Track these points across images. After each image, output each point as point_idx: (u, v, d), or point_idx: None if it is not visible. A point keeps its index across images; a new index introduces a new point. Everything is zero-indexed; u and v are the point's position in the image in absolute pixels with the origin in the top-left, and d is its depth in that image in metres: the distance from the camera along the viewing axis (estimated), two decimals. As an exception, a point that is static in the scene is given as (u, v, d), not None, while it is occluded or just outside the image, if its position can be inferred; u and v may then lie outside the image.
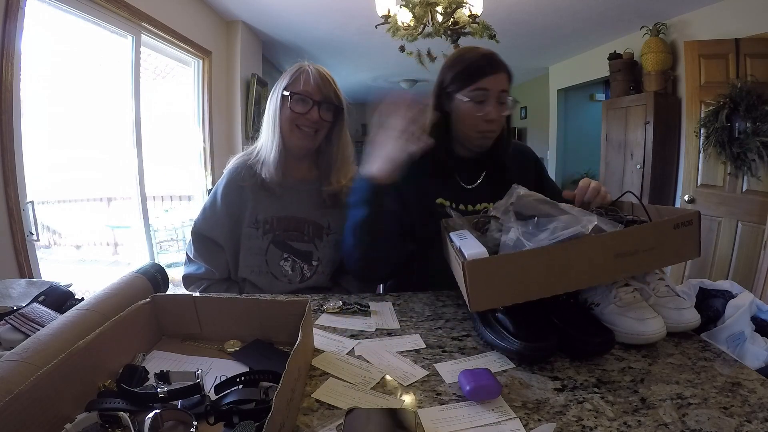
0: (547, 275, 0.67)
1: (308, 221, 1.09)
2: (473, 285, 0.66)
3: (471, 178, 1.08)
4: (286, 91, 1.03)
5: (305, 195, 1.10)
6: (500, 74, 0.98)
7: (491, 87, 0.97)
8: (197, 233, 1.10)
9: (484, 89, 0.97)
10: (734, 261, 2.65)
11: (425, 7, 2.32)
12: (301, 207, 1.09)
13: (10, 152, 1.65)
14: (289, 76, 1.05)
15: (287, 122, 1.04)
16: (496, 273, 0.66)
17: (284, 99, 1.03)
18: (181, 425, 0.51)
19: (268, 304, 0.70)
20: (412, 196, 1.03)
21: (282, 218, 1.08)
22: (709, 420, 0.52)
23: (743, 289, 0.80)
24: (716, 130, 2.61)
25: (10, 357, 0.52)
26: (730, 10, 2.90)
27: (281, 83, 1.05)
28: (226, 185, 1.09)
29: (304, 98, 1.02)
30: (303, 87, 1.02)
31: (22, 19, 1.68)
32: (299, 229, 1.09)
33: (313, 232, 1.09)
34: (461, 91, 0.99)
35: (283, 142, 1.05)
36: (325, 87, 1.03)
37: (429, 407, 0.56)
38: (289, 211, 1.09)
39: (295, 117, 1.03)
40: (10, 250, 1.68)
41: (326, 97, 1.04)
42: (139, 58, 2.58)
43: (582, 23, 3.66)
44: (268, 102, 1.08)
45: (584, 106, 5.35)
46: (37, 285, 0.88)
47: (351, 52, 4.60)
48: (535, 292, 0.68)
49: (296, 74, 1.04)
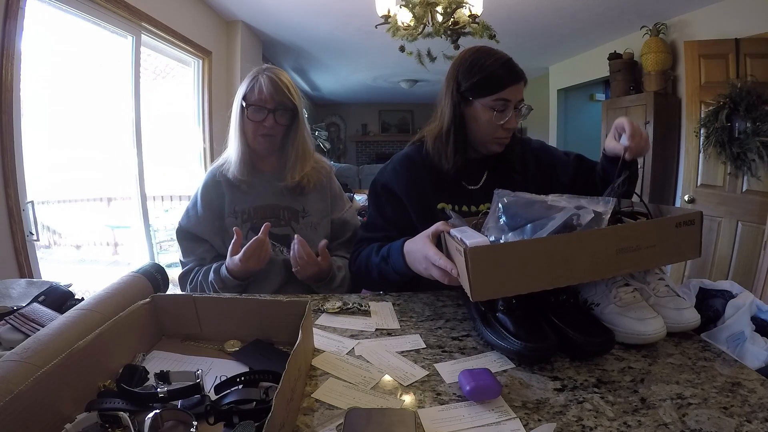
0: (549, 266, 0.66)
1: (282, 207, 1.18)
2: (476, 272, 0.64)
3: (475, 179, 1.08)
4: (243, 101, 1.10)
5: (274, 184, 1.17)
6: (520, 84, 1.00)
7: (512, 98, 0.98)
8: (182, 232, 1.17)
9: (505, 99, 0.98)
10: (734, 261, 2.65)
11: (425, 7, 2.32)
12: (274, 195, 1.18)
13: (10, 152, 1.65)
14: (246, 85, 1.11)
15: (249, 130, 1.12)
16: (499, 261, 0.65)
17: (243, 108, 1.10)
18: (181, 425, 0.51)
19: (268, 304, 0.70)
20: (414, 202, 1.04)
21: (258, 207, 1.17)
22: (709, 420, 0.52)
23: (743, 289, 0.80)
24: (716, 130, 2.61)
25: (10, 357, 0.52)
26: (730, 10, 2.90)
27: (240, 91, 1.12)
28: (204, 186, 1.19)
29: (258, 108, 1.09)
30: (257, 96, 1.09)
31: (22, 19, 1.68)
32: (275, 215, 1.17)
33: (289, 216, 1.18)
34: (481, 98, 0.99)
35: (247, 145, 1.14)
36: (277, 94, 1.09)
37: (429, 407, 0.56)
38: (264, 200, 1.17)
39: (254, 125, 1.11)
40: (10, 250, 1.68)
41: (280, 104, 1.10)
42: (139, 58, 2.58)
43: (582, 23, 3.66)
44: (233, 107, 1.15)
45: (584, 106, 5.35)
46: (37, 285, 0.88)
47: (351, 52, 4.60)
48: (536, 283, 0.67)
49: (251, 83, 1.10)
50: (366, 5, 2.87)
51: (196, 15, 3.15)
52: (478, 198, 1.06)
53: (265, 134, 1.11)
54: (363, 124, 9.37)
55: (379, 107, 9.14)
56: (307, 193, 1.19)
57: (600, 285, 0.77)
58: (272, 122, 1.10)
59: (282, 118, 1.11)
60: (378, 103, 8.97)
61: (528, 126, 6.50)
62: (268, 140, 1.13)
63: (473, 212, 1.04)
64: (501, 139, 1.02)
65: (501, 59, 1.00)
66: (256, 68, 1.14)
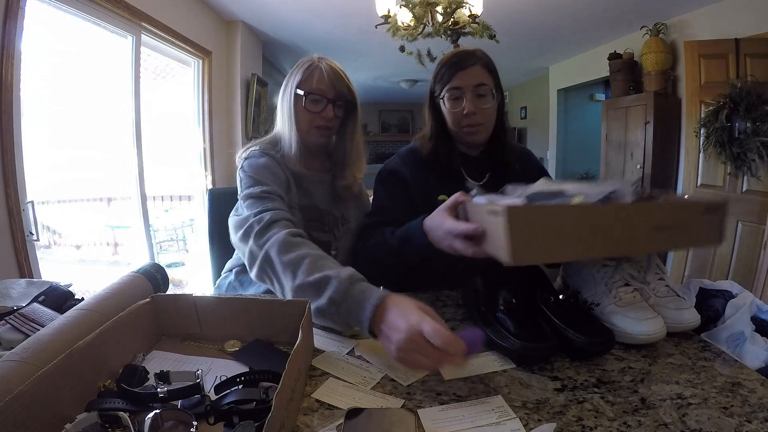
0: (588, 234, 0.63)
1: (326, 211, 1.09)
2: (515, 234, 0.59)
3: (478, 176, 1.09)
4: (300, 90, 1.01)
5: (321, 186, 1.10)
6: (474, 68, 0.99)
7: (464, 83, 0.99)
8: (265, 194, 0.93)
9: (457, 87, 1.00)
10: (734, 261, 2.65)
11: (425, 7, 2.32)
12: (319, 197, 1.09)
13: (10, 152, 1.65)
14: (302, 72, 1.02)
15: (304, 121, 1.03)
16: (537, 223, 0.61)
17: (298, 97, 1.01)
18: (181, 425, 0.51)
19: (268, 304, 0.70)
20: (418, 190, 1.05)
21: (304, 207, 1.06)
22: (709, 420, 0.52)
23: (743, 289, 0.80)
24: (716, 130, 2.61)
25: (10, 357, 0.52)
26: (730, 10, 2.90)
27: (294, 79, 1.03)
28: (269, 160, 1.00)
29: (318, 97, 1.01)
30: (317, 85, 1.01)
31: (22, 19, 1.68)
32: (320, 219, 1.08)
33: (331, 222, 1.10)
34: (441, 94, 1.03)
35: (301, 139, 1.04)
36: (338, 83, 1.02)
37: (429, 407, 0.56)
38: (309, 200, 1.07)
39: (311, 116, 1.02)
40: (10, 250, 1.68)
41: (340, 94, 1.03)
42: (139, 58, 2.58)
43: (582, 23, 3.66)
44: (280, 96, 1.06)
45: (584, 106, 5.35)
46: (37, 285, 0.88)
47: (351, 52, 4.60)
48: (572, 251, 0.64)
49: (309, 71, 1.02)
50: (366, 5, 2.86)
51: (196, 15, 3.15)
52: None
53: (321, 126, 1.03)
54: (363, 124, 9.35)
55: (379, 107, 9.14)
56: (346, 199, 1.12)
57: (600, 285, 0.77)
58: (331, 113, 1.01)
59: (340, 110, 1.04)
60: (378, 103, 8.97)
61: (528, 126, 6.51)
62: (324, 133, 1.04)
63: None
64: (470, 127, 1.02)
65: (456, 51, 1.03)
66: (308, 57, 1.04)
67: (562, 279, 0.90)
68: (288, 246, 0.79)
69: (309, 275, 0.74)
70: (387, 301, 0.65)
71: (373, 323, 0.65)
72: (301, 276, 0.74)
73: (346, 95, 1.04)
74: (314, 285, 0.72)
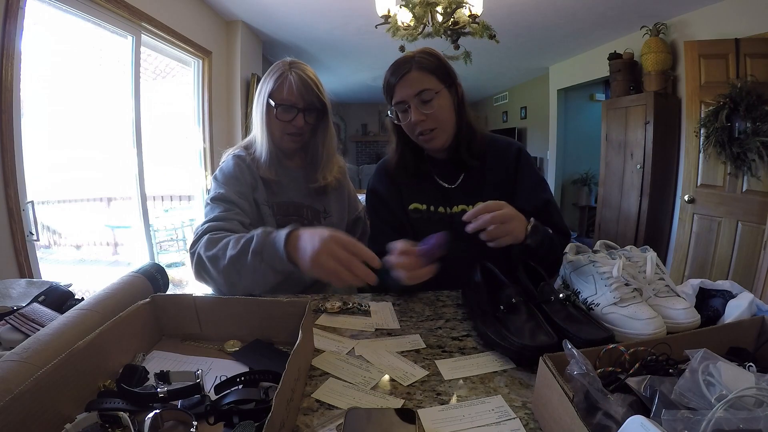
0: None
1: (305, 206, 1.13)
2: None
3: (451, 179, 1.07)
4: (271, 99, 1.04)
5: (298, 182, 1.14)
6: (409, 75, 0.96)
7: (405, 94, 0.97)
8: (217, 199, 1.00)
9: (401, 101, 0.98)
10: (734, 261, 2.66)
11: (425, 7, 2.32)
12: (296, 193, 1.13)
13: (10, 152, 1.65)
14: (273, 81, 1.04)
15: (276, 128, 1.07)
16: None
17: (270, 107, 1.05)
18: (181, 425, 0.51)
19: (268, 304, 0.70)
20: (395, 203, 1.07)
21: (281, 204, 1.10)
22: (709, 420, 0.52)
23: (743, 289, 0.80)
24: (716, 130, 2.61)
25: (10, 357, 0.52)
26: (730, 10, 2.90)
27: (266, 87, 1.06)
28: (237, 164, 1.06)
29: (288, 107, 1.04)
30: (287, 95, 1.03)
31: (22, 19, 1.68)
32: (298, 213, 1.12)
33: (312, 216, 1.13)
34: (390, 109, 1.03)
35: (274, 144, 1.09)
36: (307, 93, 1.04)
37: (429, 407, 0.56)
38: (287, 196, 1.12)
39: (283, 125, 1.06)
40: (10, 250, 1.68)
41: (309, 104, 1.06)
42: (139, 58, 2.58)
43: (582, 23, 3.66)
44: (255, 101, 1.10)
45: (584, 106, 5.35)
46: (37, 285, 0.88)
47: (351, 52, 4.60)
48: None
49: (279, 80, 1.04)
50: (366, 5, 2.87)
51: (196, 15, 3.15)
52: (456, 198, 1.05)
53: (293, 133, 1.07)
54: (363, 124, 9.37)
55: (379, 107, 9.14)
56: (329, 193, 1.16)
57: (600, 285, 0.77)
58: (302, 122, 1.05)
59: (311, 118, 1.07)
60: (378, 103, 8.96)
61: (528, 126, 6.51)
62: (296, 140, 1.09)
63: (448, 214, 1.05)
64: (423, 137, 1.00)
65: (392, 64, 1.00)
66: (281, 62, 1.07)
67: (562, 279, 0.90)
68: (211, 242, 0.88)
69: (233, 250, 0.82)
70: (299, 229, 0.77)
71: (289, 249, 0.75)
72: (228, 254, 0.83)
73: (315, 104, 1.07)
74: (238, 252, 0.81)
